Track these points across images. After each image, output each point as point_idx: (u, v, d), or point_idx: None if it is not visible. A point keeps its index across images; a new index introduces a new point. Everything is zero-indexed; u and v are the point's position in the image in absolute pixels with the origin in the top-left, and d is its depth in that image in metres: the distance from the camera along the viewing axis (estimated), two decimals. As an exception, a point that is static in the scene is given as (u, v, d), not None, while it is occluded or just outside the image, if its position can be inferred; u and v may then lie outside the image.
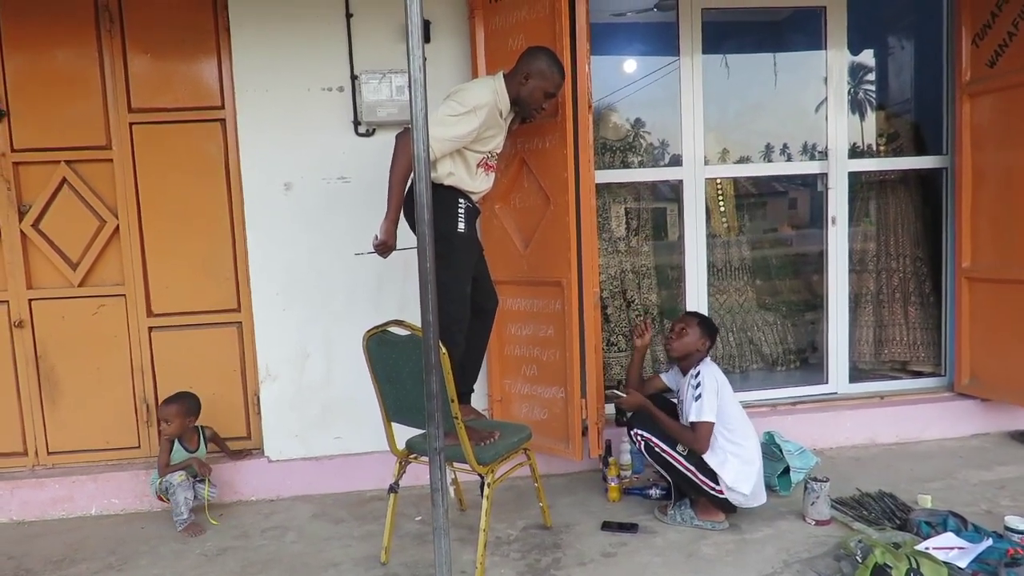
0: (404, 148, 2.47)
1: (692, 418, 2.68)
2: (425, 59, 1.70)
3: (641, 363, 3.10)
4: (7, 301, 3.25)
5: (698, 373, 2.74)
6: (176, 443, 3.03)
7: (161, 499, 3.04)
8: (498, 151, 2.75)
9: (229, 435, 3.36)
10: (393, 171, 2.51)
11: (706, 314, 3.42)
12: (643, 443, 2.76)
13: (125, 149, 3.22)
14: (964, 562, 2.24)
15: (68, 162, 3.21)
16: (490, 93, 2.58)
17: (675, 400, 2.98)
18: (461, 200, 2.63)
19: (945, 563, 2.16)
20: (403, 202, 2.51)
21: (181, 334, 3.32)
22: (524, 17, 3.02)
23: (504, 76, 2.67)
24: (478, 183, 2.69)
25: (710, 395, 2.66)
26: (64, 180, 3.22)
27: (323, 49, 3.20)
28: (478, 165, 2.66)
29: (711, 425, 2.65)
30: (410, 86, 1.70)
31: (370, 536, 2.81)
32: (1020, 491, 2.95)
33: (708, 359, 2.84)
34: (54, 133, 3.19)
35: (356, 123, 3.24)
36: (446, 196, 2.59)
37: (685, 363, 2.87)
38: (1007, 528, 2.45)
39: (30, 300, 3.25)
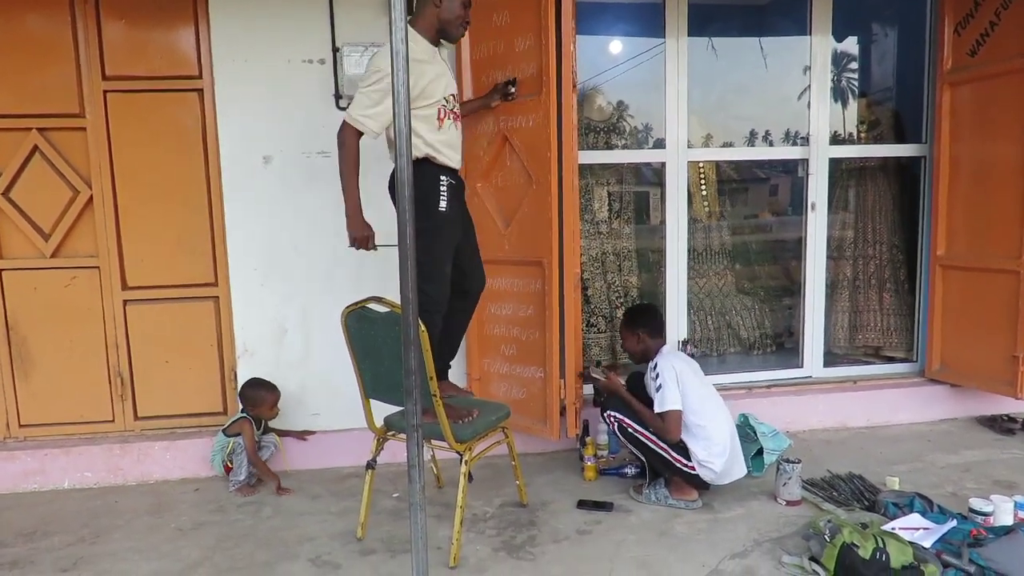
0: (348, 138, 2.42)
1: (657, 409, 2.72)
2: (408, 32, 1.67)
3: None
4: (-24, 271, 3.18)
5: (655, 365, 2.77)
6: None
7: (227, 467, 3.09)
8: (453, 92, 2.58)
9: (205, 410, 3.35)
10: (344, 165, 2.42)
11: (644, 302, 3.57)
12: (616, 424, 2.80)
13: (99, 117, 3.15)
14: (929, 542, 2.30)
15: (40, 130, 3.13)
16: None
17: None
18: (443, 177, 2.56)
19: (910, 543, 2.21)
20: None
21: (156, 308, 3.28)
22: (510, -7, 2.98)
23: (409, 23, 2.35)
24: (447, 135, 2.55)
25: (670, 384, 2.70)
26: (36, 148, 3.14)
27: (304, 20, 3.13)
28: (438, 117, 2.51)
29: (678, 413, 2.69)
30: (392, 59, 1.67)
31: (347, 512, 2.82)
32: (984, 474, 3.03)
33: (665, 349, 2.87)
34: (25, 99, 3.11)
35: (337, 96, 3.19)
36: (427, 172, 2.52)
37: (648, 360, 2.90)
38: (971, 510, 2.53)
39: (0, 270, 3.19)
